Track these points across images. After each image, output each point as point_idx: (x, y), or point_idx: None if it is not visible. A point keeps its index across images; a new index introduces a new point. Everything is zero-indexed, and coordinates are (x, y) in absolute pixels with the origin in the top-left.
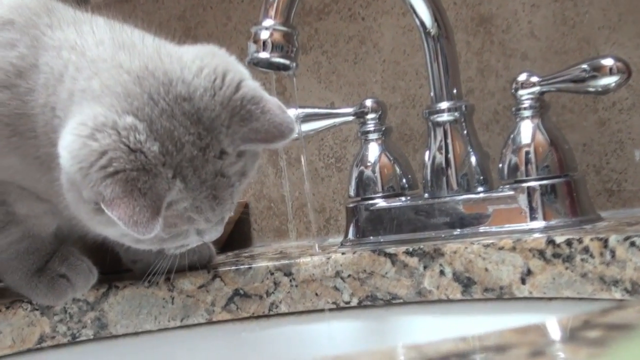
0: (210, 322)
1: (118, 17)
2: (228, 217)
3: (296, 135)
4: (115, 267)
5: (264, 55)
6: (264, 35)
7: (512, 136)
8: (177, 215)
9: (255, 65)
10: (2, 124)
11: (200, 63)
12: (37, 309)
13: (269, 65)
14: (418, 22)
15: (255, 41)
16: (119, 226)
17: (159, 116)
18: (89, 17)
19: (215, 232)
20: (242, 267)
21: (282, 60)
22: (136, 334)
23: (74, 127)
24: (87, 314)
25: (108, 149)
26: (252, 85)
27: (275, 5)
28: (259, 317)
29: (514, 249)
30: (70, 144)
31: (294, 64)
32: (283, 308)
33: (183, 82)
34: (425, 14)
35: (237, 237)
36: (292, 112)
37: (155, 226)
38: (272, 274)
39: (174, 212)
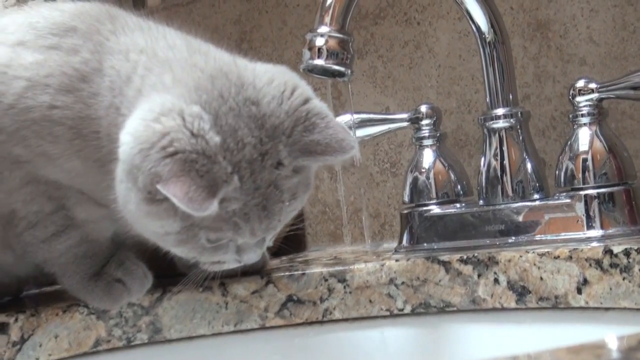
0: (263, 328)
1: (176, 21)
2: (270, 242)
3: (354, 153)
4: (170, 271)
5: (319, 62)
6: (319, 42)
7: (569, 143)
8: (225, 218)
9: (310, 72)
10: (65, 127)
11: (272, 75)
12: (93, 313)
13: (324, 72)
14: (474, 28)
15: (310, 48)
16: (167, 222)
17: (226, 113)
18: (154, 24)
19: (254, 254)
20: (295, 273)
21: (337, 67)
22: (190, 338)
23: (140, 112)
24: (141, 318)
25: (171, 130)
26: (319, 104)
27: (330, 11)
28: (312, 323)
29: (570, 258)
30: (134, 127)
31: (349, 71)
32: (337, 314)
33: (254, 88)
34: (481, 19)
35: (292, 241)
36: (348, 117)
37: (210, 207)
38: (326, 280)
39: (223, 212)
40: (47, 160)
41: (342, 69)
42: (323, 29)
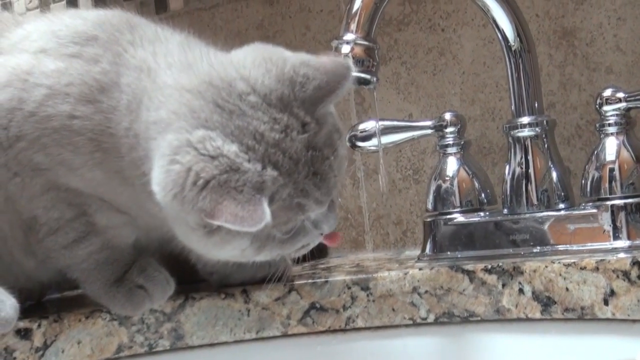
0: (285, 335)
1: (195, 27)
2: (338, 201)
3: (351, 69)
4: (192, 277)
5: None
6: (345, 49)
7: (595, 152)
8: (286, 207)
9: None
10: (85, 139)
11: (249, 58)
12: (115, 319)
13: None
14: (500, 36)
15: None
16: (236, 242)
17: (229, 119)
18: (167, 35)
19: (331, 220)
20: (318, 280)
21: (363, 75)
22: (212, 345)
23: (157, 162)
24: (163, 325)
25: (190, 165)
26: (295, 55)
27: (356, 18)
28: (335, 331)
29: (596, 269)
30: (157, 178)
31: (375, 79)
32: (360, 323)
33: (241, 79)
34: (507, 27)
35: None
36: (372, 124)
37: (262, 216)
38: (349, 288)
39: (280, 205)
40: (67, 169)
41: (367, 76)
42: (349, 36)
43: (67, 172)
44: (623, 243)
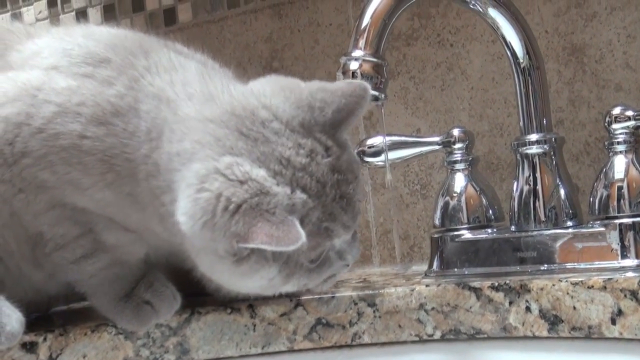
0: (291, 351)
1: (204, 39)
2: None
3: (368, 89)
4: (199, 291)
5: None
6: (354, 66)
7: (604, 170)
8: (314, 232)
9: None
10: (96, 159)
11: (268, 87)
12: (121, 333)
13: None
14: (509, 52)
15: (344, 72)
16: (264, 271)
17: (254, 145)
18: (182, 62)
19: (355, 250)
20: (325, 295)
21: (371, 92)
22: (217, 359)
23: (183, 192)
24: (169, 339)
25: (220, 191)
26: (312, 83)
27: (365, 35)
28: (341, 347)
29: (604, 288)
30: (184, 208)
31: (383, 95)
32: (366, 339)
33: (263, 107)
34: (516, 43)
35: None
36: (380, 140)
37: (298, 235)
38: (355, 304)
39: (310, 229)
40: (75, 188)
41: (376, 93)
42: (357, 53)
43: (75, 191)
44: (631, 262)
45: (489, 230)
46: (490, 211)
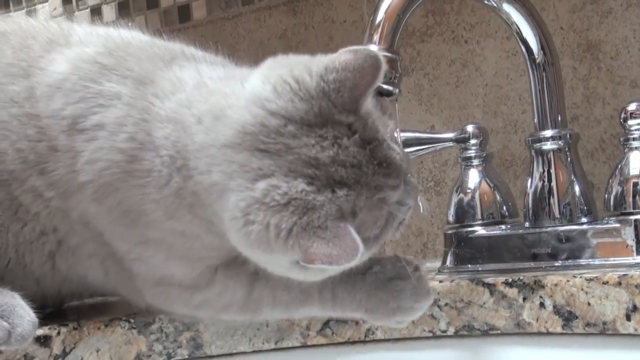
0: (304, 346)
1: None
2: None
3: (376, 53)
4: None
5: None
6: (383, 65)
7: (619, 167)
8: (369, 211)
9: None
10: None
11: (269, 86)
12: (134, 328)
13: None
14: (524, 49)
15: None
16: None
17: (280, 158)
18: (180, 78)
19: (412, 192)
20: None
21: (385, 87)
22: (230, 354)
23: (231, 225)
24: (182, 334)
25: (267, 221)
26: (316, 61)
27: (379, 30)
28: (354, 342)
29: (619, 284)
30: (238, 240)
31: (397, 90)
32: (379, 334)
33: (271, 115)
34: (531, 40)
35: None
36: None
37: (356, 247)
38: None
39: (364, 213)
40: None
41: (390, 88)
42: (372, 48)
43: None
44: None
45: (503, 227)
46: (504, 207)
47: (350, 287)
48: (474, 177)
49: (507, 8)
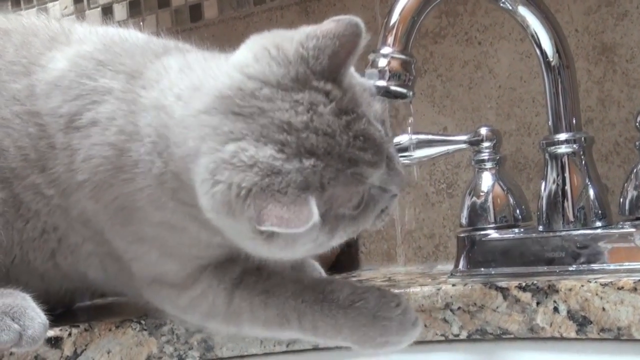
0: (316, 349)
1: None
2: (397, 157)
3: (355, 20)
4: None
5: (381, 83)
6: (382, 62)
7: (635, 171)
8: (342, 184)
9: None
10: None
11: (250, 55)
12: (145, 329)
13: (386, 93)
14: (538, 51)
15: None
16: (301, 239)
17: (253, 122)
18: (165, 67)
19: (396, 178)
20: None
21: (399, 89)
22: (241, 357)
23: (200, 190)
24: (193, 336)
25: (230, 180)
26: (298, 31)
27: (394, 32)
28: None
29: (634, 289)
30: (206, 204)
31: (411, 93)
32: None
33: (248, 79)
34: (546, 42)
35: (344, 259)
36: (406, 137)
37: (309, 216)
38: None
39: (335, 185)
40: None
41: (404, 90)
42: (386, 50)
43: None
44: None
45: (516, 230)
46: (518, 211)
47: (333, 321)
48: (487, 180)
49: (522, 10)
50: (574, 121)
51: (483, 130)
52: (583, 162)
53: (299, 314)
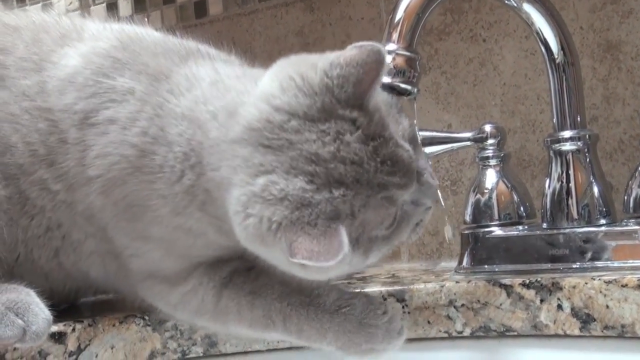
0: None
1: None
2: (428, 167)
3: (378, 47)
4: None
5: (386, 79)
6: (387, 59)
7: (639, 168)
8: (373, 209)
9: None
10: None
11: (276, 84)
12: (149, 325)
13: (391, 89)
14: (543, 48)
15: None
16: (333, 268)
17: (282, 154)
18: (196, 76)
19: (429, 191)
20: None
21: (404, 86)
22: (245, 353)
23: (234, 221)
24: (197, 332)
25: (262, 214)
26: (322, 58)
27: (399, 29)
28: None
29: (638, 287)
30: (240, 235)
31: (416, 89)
32: None
33: (275, 111)
34: (551, 39)
35: None
36: None
37: (339, 248)
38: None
39: (365, 211)
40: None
41: (408, 87)
42: (391, 47)
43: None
44: None
45: (520, 227)
46: (522, 208)
47: (319, 325)
48: (491, 177)
49: (527, 8)
50: (579, 119)
51: (487, 128)
52: (587, 159)
53: (284, 317)
